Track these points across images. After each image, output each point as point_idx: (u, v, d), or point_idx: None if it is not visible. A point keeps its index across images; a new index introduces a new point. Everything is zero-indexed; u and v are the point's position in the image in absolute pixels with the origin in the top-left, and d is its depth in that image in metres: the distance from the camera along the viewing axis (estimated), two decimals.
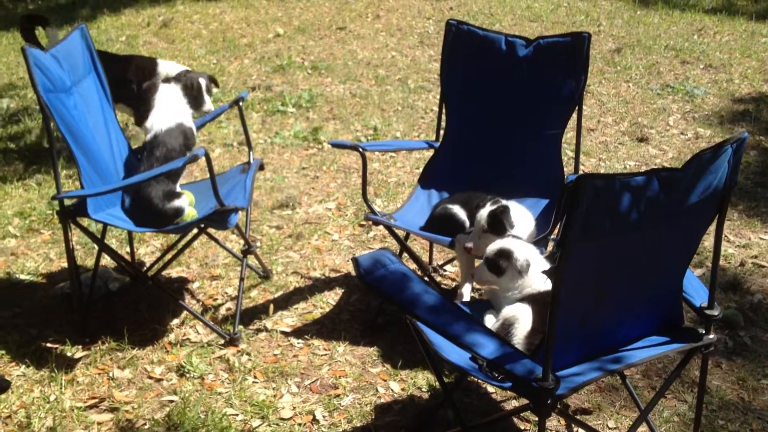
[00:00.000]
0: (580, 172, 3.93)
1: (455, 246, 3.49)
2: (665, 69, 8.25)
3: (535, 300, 2.92)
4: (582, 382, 2.50)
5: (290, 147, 6.18)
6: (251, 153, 4.22)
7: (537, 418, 3.04)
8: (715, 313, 2.68)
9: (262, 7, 11.10)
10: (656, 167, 2.30)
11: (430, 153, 4.19)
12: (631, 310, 2.66)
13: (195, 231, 3.76)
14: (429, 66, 8.34)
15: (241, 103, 4.14)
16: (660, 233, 2.45)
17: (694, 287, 2.80)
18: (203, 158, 3.36)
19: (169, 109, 3.91)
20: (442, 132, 4.11)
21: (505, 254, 3.00)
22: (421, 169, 5.53)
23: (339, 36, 9.64)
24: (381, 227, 4.83)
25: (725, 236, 4.63)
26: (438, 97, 7.34)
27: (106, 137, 3.84)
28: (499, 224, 3.36)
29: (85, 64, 3.81)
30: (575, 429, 3.19)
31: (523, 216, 3.55)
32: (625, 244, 2.38)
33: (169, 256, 4.30)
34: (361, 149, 3.71)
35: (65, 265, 4.39)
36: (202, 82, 4.09)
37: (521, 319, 2.81)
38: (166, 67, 5.63)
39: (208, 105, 4.12)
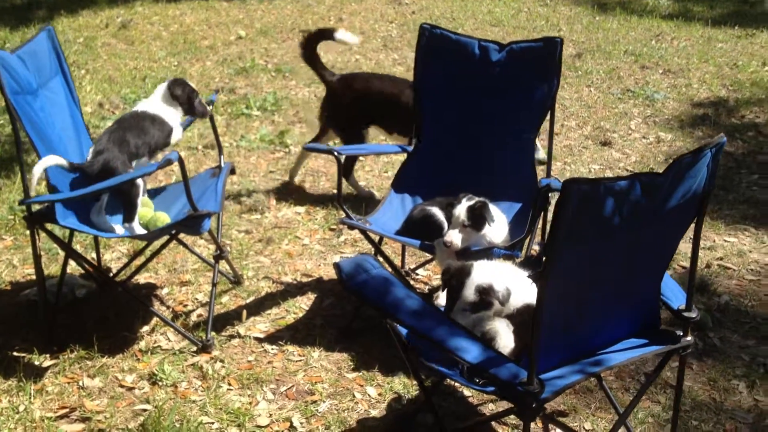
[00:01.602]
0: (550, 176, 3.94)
1: (436, 250, 3.49)
2: (625, 74, 8.36)
3: (511, 315, 2.90)
4: (564, 385, 2.51)
5: (257, 150, 6.12)
6: (222, 157, 4.17)
7: (520, 422, 3.06)
8: (693, 315, 2.71)
9: (223, 9, 10.99)
10: (638, 172, 2.32)
11: (400, 157, 4.18)
12: (611, 313, 2.68)
13: (166, 237, 3.69)
14: (393, 69, 8.33)
15: (210, 107, 4.08)
16: (641, 237, 2.47)
17: (671, 289, 2.83)
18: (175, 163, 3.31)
19: None
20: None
21: (486, 291, 2.89)
22: (389, 173, 5.56)
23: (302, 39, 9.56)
24: (352, 231, 4.80)
25: (690, 239, 4.70)
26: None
27: (75, 140, 3.76)
28: (479, 218, 3.38)
29: (51, 66, 3.72)
30: (551, 431, 3.20)
31: (497, 218, 3.56)
32: (607, 249, 2.40)
33: (137, 262, 4.23)
34: (336, 153, 3.69)
35: (29, 271, 4.30)
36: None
37: (501, 334, 2.79)
38: None
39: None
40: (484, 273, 2.94)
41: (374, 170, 5.70)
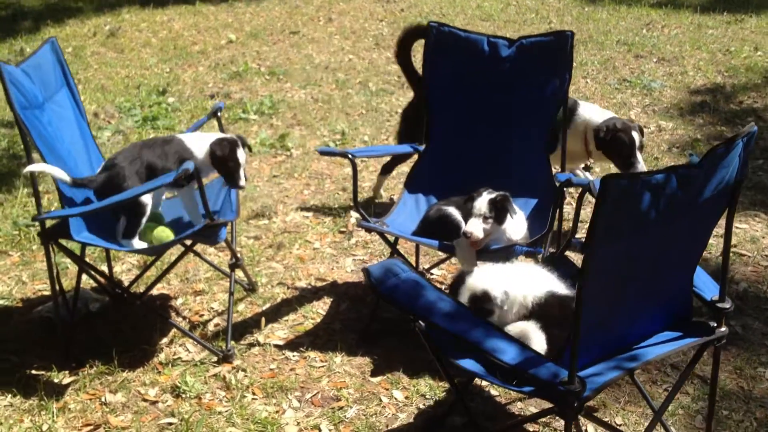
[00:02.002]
0: (566, 171, 3.92)
1: (456, 250, 3.45)
2: (620, 64, 8.36)
3: (537, 314, 2.86)
4: (603, 383, 2.48)
5: (258, 155, 6.07)
6: None
7: (553, 421, 3.04)
8: (727, 306, 2.69)
9: (211, 13, 10.93)
10: (672, 165, 2.30)
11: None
12: (645, 307, 2.66)
13: (182, 249, 3.64)
14: (387, 68, 8.30)
15: (219, 114, 4.03)
16: (675, 230, 2.45)
17: (703, 281, 2.81)
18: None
19: None
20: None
21: (479, 299, 2.85)
22: (393, 174, 5.52)
23: (293, 40, 9.54)
24: (362, 233, 4.77)
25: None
26: (401, 99, 7.35)
27: (84, 153, 3.70)
28: (501, 210, 3.37)
29: (57, 79, 3.66)
30: (584, 428, 3.17)
31: (517, 213, 3.53)
32: (643, 243, 2.38)
33: (149, 273, 4.19)
34: (350, 156, 3.65)
35: (39, 287, 4.25)
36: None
37: (531, 336, 2.75)
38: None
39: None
40: (479, 279, 2.89)
41: (378, 170, 5.65)
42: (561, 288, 2.91)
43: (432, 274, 4.38)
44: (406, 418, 3.26)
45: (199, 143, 3.69)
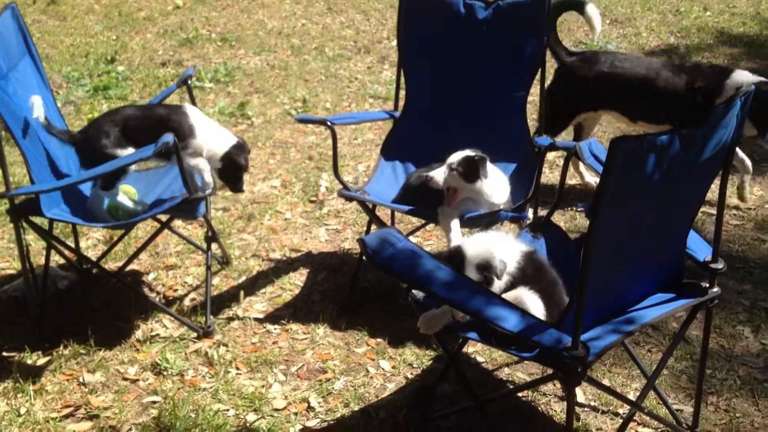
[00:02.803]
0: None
1: (439, 217, 3.41)
2: (574, 26, 8.37)
3: (529, 279, 2.82)
4: (604, 347, 2.47)
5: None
6: None
7: (550, 387, 3.04)
8: (720, 266, 2.71)
9: None
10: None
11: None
12: (642, 269, 2.66)
13: (157, 225, 3.53)
14: (342, 33, 8.18)
15: (189, 82, 3.89)
16: (676, 192, 2.45)
17: (695, 242, 2.82)
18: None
19: None
20: (401, 102, 3.99)
21: (487, 268, 2.73)
22: (359, 141, 5.45)
23: (242, 5, 9.31)
24: (333, 202, 4.71)
25: None
26: (360, 64, 7.26)
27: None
28: (472, 169, 3.34)
29: (19, 46, 3.48)
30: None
31: (497, 178, 3.50)
32: (646, 206, 2.37)
33: (117, 249, 4.07)
34: (329, 123, 3.57)
35: (1, 265, 4.08)
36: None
37: (528, 302, 2.72)
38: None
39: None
40: (478, 249, 2.81)
41: (343, 138, 5.56)
42: (534, 253, 2.87)
43: (409, 240, 4.33)
44: (395, 387, 3.23)
45: (219, 142, 3.62)
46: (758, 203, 4.66)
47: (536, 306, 2.71)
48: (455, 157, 3.38)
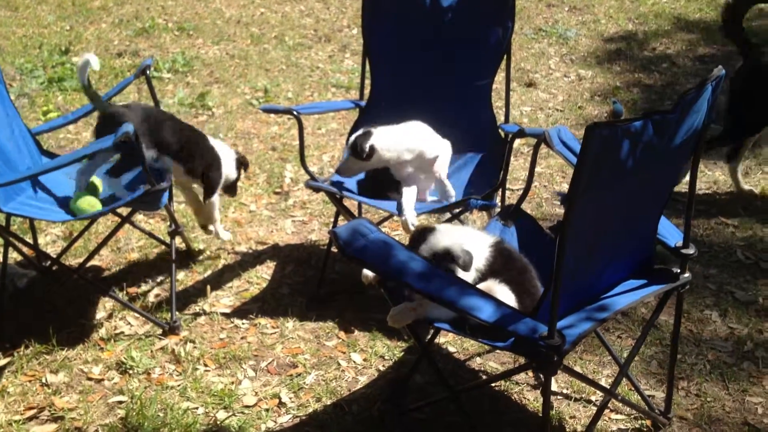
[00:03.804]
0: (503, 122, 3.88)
1: (397, 206, 3.37)
2: (533, 13, 8.39)
3: (498, 270, 2.79)
4: (579, 335, 2.45)
5: (178, 115, 5.75)
6: None
7: (524, 376, 3.03)
8: (691, 251, 2.70)
9: None
10: (649, 110, 2.27)
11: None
12: (614, 256, 2.65)
13: (117, 220, 3.44)
14: (302, 21, 8.08)
15: (148, 72, 3.79)
16: (648, 177, 2.44)
17: (666, 227, 2.82)
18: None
19: None
20: (366, 90, 3.94)
21: (441, 256, 2.69)
22: (323, 131, 5.39)
23: None
24: (299, 194, 4.64)
25: None
26: (321, 53, 7.18)
27: (3, 117, 3.41)
28: (354, 146, 3.40)
29: None
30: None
31: (426, 139, 3.51)
32: (618, 193, 2.36)
33: (77, 245, 3.96)
34: (296, 113, 3.51)
35: None
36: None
37: (498, 293, 2.68)
38: None
39: None
40: (440, 237, 2.77)
41: (307, 128, 5.49)
42: (501, 242, 2.84)
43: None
44: (367, 380, 3.19)
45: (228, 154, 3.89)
46: (721, 187, 4.70)
47: (507, 297, 2.68)
48: (349, 142, 3.47)
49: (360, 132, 3.44)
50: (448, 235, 2.80)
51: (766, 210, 4.45)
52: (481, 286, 2.68)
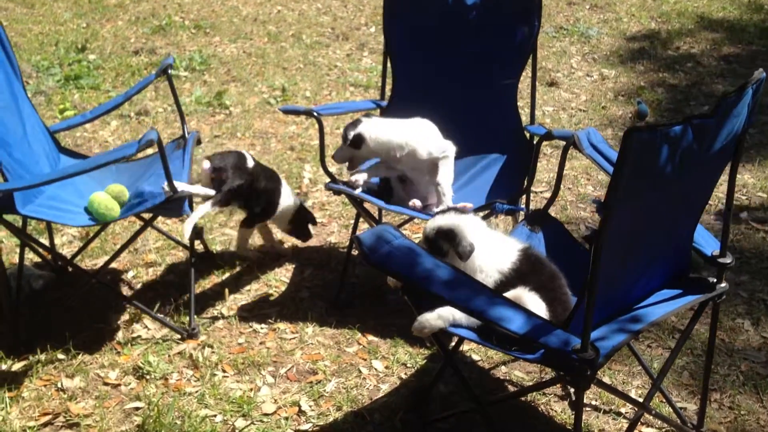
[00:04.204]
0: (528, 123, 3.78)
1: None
2: (554, 11, 8.27)
3: (526, 277, 2.70)
4: (612, 347, 2.36)
5: (195, 114, 5.75)
6: (185, 126, 3.80)
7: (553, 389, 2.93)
8: (728, 260, 2.61)
9: None
10: (689, 115, 2.17)
11: None
12: (649, 265, 2.56)
13: (140, 224, 3.37)
14: (320, 19, 8.00)
15: (170, 71, 3.72)
16: (687, 184, 2.35)
17: (702, 235, 2.72)
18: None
19: None
20: (388, 90, 3.86)
21: (447, 235, 2.68)
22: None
23: None
24: (318, 195, 4.57)
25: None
26: (338, 52, 7.09)
27: (17, 119, 3.35)
28: (344, 136, 3.39)
29: None
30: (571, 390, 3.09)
31: (422, 138, 3.40)
32: (657, 199, 2.27)
33: (93, 245, 3.90)
34: (316, 114, 3.43)
35: None
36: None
37: (528, 302, 2.59)
38: None
39: None
40: (458, 220, 2.72)
41: (325, 127, 5.41)
42: (529, 248, 2.77)
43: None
44: (389, 388, 3.11)
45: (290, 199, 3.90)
46: (750, 191, 4.59)
47: (537, 306, 2.59)
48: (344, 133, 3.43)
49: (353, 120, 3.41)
50: (466, 223, 2.72)
51: None
52: (510, 294, 2.60)
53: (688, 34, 7.47)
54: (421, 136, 3.37)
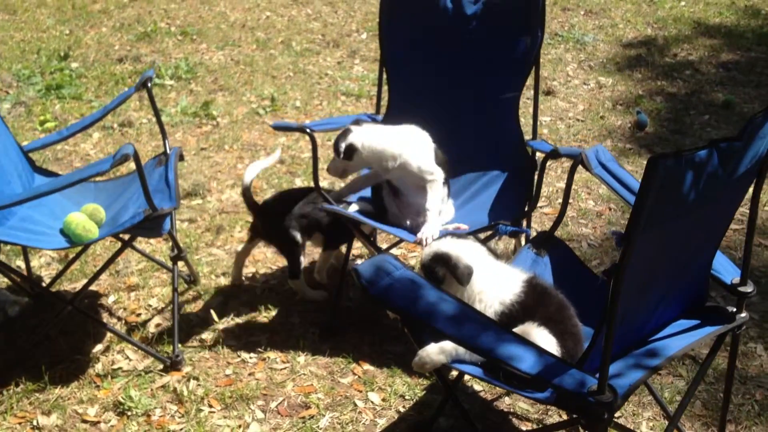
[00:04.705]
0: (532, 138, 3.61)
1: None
2: (548, 17, 8.04)
3: (532, 310, 2.53)
4: (630, 387, 2.19)
5: (180, 125, 5.54)
6: (167, 142, 3.61)
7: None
8: (749, 289, 2.45)
9: None
10: (714, 138, 1.99)
11: None
12: (667, 295, 2.38)
13: (119, 244, 3.17)
14: (309, 26, 7.81)
15: (149, 84, 3.53)
16: (709, 210, 2.18)
17: (720, 262, 2.55)
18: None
19: None
20: (383, 103, 3.67)
21: (443, 259, 2.55)
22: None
23: None
24: None
25: None
26: (329, 59, 6.90)
27: None
28: (336, 146, 3.24)
29: None
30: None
31: (414, 150, 3.22)
32: (679, 228, 2.10)
33: (73, 268, 3.70)
34: (309, 130, 3.25)
35: None
36: None
37: (537, 339, 2.42)
38: None
39: None
40: (448, 243, 2.60)
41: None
42: (535, 278, 2.59)
43: (390, 253, 4.02)
44: (387, 423, 2.92)
45: None
46: None
47: (547, 341, 2.42)
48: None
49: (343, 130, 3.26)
50: (462, 247, 2.57)
51: None
52: (519, 329, 2.42)
53: (685, 41, 7.32)
54: (416, 149, 3.20)
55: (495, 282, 2.55)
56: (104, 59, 6.96)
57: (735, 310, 2.47)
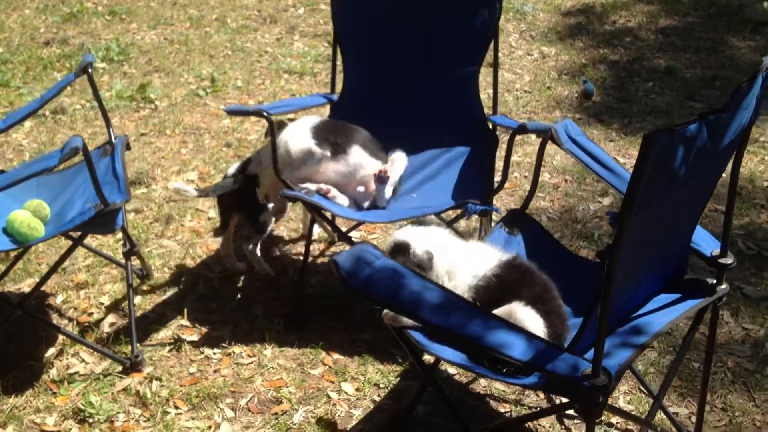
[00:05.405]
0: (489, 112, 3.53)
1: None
2: None
3: (515, 291, 2.47)
4: (621, 366, 2.14)
5: (116, 110, 5.30)
6: (111, 130, 3.39)
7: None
8: (729, 261, 2.42)
9: None
10: (703, 111, 1.93)
11: None
12: (650, 271, 2.34)
13: (68, 243, 2.98)
14: (245, 1, 7.56)
15: (90, 70, 3.32)
16: (696, 184, 2.13)
17: (699, 234, 2.52)
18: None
19: None
20: (339, 82, 3.54)
21: (400, 249, 2.51)
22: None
23: None
24: None
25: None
26: (267, 36, 6.70)
27: None
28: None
29: None
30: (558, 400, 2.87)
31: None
32: (669, 204, 2.04)
33: (17, 267, 3.48)
34: (266, 114, 3.10)
35: None
36: None
37: (523, 318, 2.35)
38: None
39: None
40: (405, 232, 2.56)
41: (261, 120, 5.05)
42: (516, 258, 2.54)
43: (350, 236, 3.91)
44: (363, 414, 2.83)
45: None
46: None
47: (534, 322, 2.36)
48: None
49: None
50: (419, 233, 2.56)
51: (757, 194, 4.22)
52: (503, 309, 2.36)
53: (622, 8, 7.33)
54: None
55: (465, 259, 2.50)
56: (30, 43, 6.62)
57: (715, 282, 2.43)
